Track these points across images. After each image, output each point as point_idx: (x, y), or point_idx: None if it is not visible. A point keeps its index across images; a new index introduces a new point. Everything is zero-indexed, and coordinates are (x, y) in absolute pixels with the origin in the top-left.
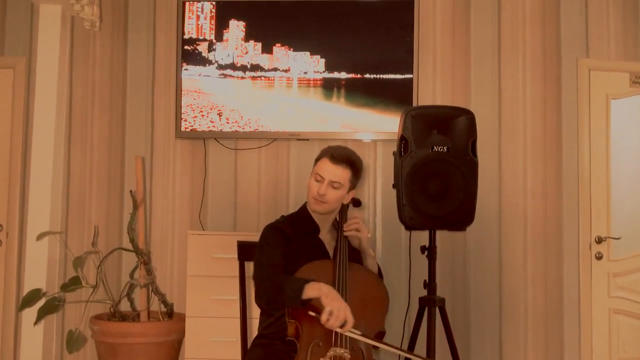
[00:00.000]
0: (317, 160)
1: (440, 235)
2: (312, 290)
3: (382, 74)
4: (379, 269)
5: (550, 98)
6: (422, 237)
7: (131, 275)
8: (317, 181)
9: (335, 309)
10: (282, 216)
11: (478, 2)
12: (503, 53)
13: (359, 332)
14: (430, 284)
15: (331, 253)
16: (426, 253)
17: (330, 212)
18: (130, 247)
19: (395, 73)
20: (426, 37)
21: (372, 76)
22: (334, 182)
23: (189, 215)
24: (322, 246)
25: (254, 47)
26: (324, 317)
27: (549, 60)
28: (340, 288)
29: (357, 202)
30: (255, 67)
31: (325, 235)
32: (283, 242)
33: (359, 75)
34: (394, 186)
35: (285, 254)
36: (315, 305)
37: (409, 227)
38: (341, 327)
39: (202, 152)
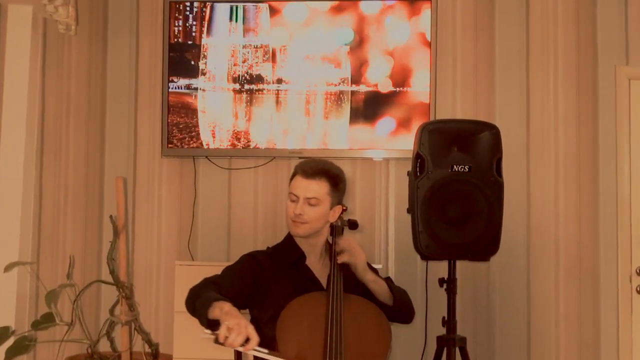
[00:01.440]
0: (291, 179)
1: (461, 266)
2: (215, 310)
3: (396, 84)
4: (399, 290)
5: (585, 111)
6: (440, 268)
7: (111, 312)
8: (292, 201)
9: (234, 325)
10: (268, 247)
11: (503, 2)
12: (532, 60)
13: (265, 351)
14: (449, 321)
15: (325, 282)
16: (445, 286)
17: (315, 234)
18: (110, 279)
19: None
20: (444, 41)
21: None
22: (309, 198)
23: (176, 244)
24: (311, 276)
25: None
26: (221, 334)
27: (584, 68)
28: (333, 323)
29: (353, 224)
30: (255, 79)
31: (315, 263)
32: (250, 271)
33: (373, 90)
34: (408, 211)
35: (250, 283)
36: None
37: (425, 257)
38: (244, 345)
39: (192, 172)
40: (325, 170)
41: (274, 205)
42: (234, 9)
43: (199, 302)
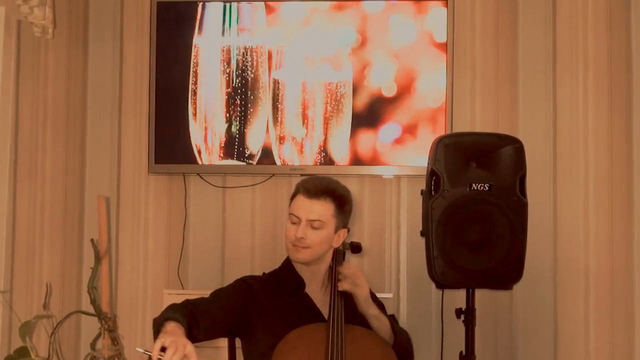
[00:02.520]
0: (291, 198)
1: (481, 295)
2: (163, 329)
3: (401, 88)
4: (401, 332)
5: (618, 124)
6: (457, 297)
7: (92, 346)
8: (293, 223)
9: (170, 343)
10: (264, 273)
11: (528, 2)
12: (559, 67)
13: None
14: (467, 357)
15: (326, 313)
16: (462, 318)
17: (317, 260)
18: (91, 310)
19: (424, 91)
20: (462, 45)
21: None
22: (312, 220)
23: (164, 270)
24: (311, 305)
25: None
26: (154, 352)
27: (617, 76)
28: (334, 357)
29: (356, 248)
30: (251, 82)
31: (317, 292)
32: (240, 297)
33: (377, 94)
34: (422, 234)
35: (239, 310)
36: None
37: (441, 285)
38: None
39: (182, 190)
40: (330, 190)
41: (272, 227)
42: (227, 7)
43: (157, 323)
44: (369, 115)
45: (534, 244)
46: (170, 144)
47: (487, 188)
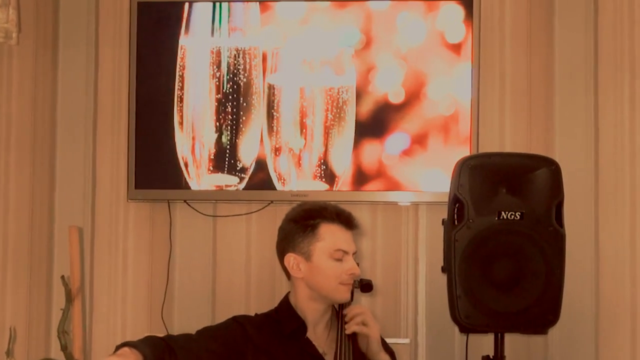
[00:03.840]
0: (315, 227)
1: (511, 340)
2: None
3: (409, 94)
4: None
5: None
6: (484, 343)
7: None
8: (337, 260)
9: None
10: (257, 314)
11: (566, 5)
12: (601, 78)
13: None
14: None
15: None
16: None
17: None
18: (61, 357)
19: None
20: (489, 53)
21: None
22: (354, 253)
23: (146, 311)
24: (313, 351)
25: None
26: None
27: None
28: None
29: (367, 286)
30: (243, 87)
31: (321, 335)
32: (230, 337)
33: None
34: (443, 270)
35: (227, 352)
36: None
37: (465, 329)
38: None
39: (166, 219)
40: (356, 218)
41: (271, 262)
42: (218, 6)
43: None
44: (374, 124)
45: (572, 281)
46: (153, 164)
47: (518, 217)
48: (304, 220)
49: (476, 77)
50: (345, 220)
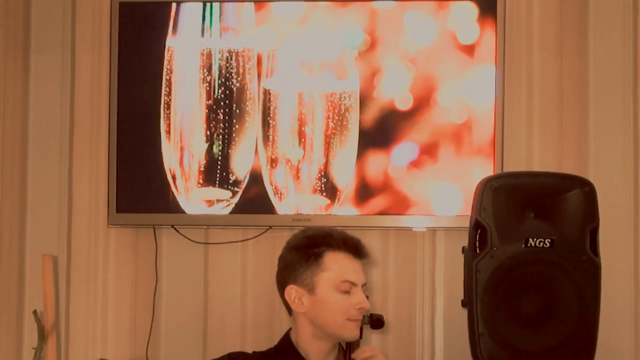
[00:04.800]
0: (319, 256)
1: None
2: None
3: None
4: None
5: None
6: None
7: None
8: (345, 292)
9: None
10: (254, 352)
11: (601, 5)
12: None
13: None
14: None
15: None
16: None
17: None
18: None
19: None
20: (515, 59)
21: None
22: (364, 285)
23: (129, 349)
24: None
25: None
26: None
27: None
28: None
29: (377, 322)
30: (236, 93)
31: None
32: None
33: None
34: (464, 304)
35: None
36: None
37: None
38: None
39: (152, 248)
40: (365, 246)
41: (270, 295)
42: (208, 5)
43: None
44: (380, 133)
45: (609, 317)
46: (137, 184)
47: (548, 244)
48: (306, 248)
49: (500, 85)
50: (353, 248)
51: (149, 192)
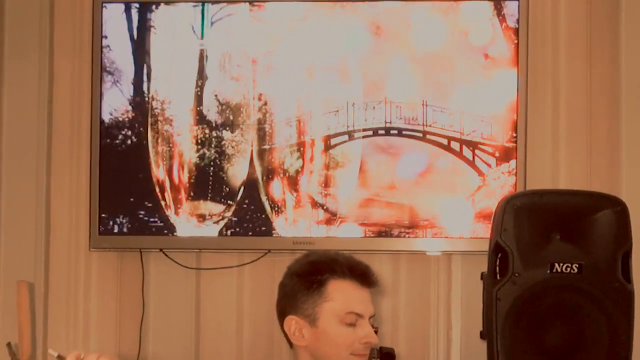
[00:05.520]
0: (321, 284)
1: None
2: None
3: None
4: None
5: None
6: None
7: None
8: (350, 325)
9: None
10: None
11: (634, 3)
12: None
13: None
14: None
15: None
16: None
17: None
18: None
19: (485, 132)
20: (540, 64)
21: (441, 133)
22: (371, 317)
23: None
24: None
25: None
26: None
27: None
28: None
29: (387, 356)
30: (228, 100)
31: None
32: None
33: (419, 133)
34: (482, 335)
35: None
36: None
37: None
38: None
39: (138, 274)
40: (375, 273)
41: (268, 325)
42: (200, 5)
43: None
44: (385, 142)
45: None
46: (122, 202)
47: (575, 270)
48: (308, 275)
49: (523, 94)
50: (361, 276)
51: (136, 211)
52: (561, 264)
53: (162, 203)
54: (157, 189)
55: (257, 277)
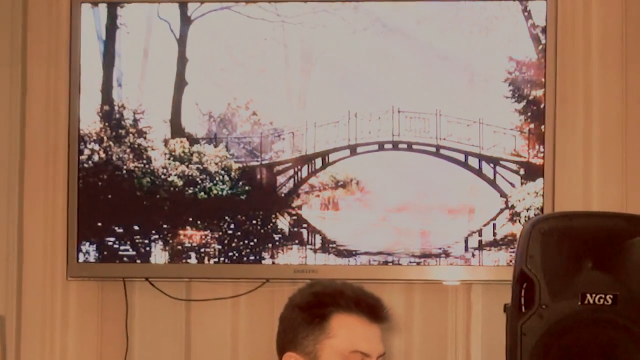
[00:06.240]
0: (324, 319)
1: None
2: None
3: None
4: None
5: None
6: None
7: None
8: None
9: None
10: None
11: None
12: None
13: None
14: None
15: None
16: None
17: None
18: None
19: (508, 146)
20: (571, 74)
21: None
22: (381, 356)
23: None
24: None
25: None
26: None
27: None
28: None
29: None
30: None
31: None
32: None
33: (431, 148)
34: None
35: None
36: None
37: None
38: None
39: (122, 305)
40: (386, 307)
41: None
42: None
43: None
44: (393, 158)
45: None
46: (103, 224)
47: (609, 301)
48: (311, 308)
49: (551, 106)
50: (369, 310)
51: (118, 236)
52: (593, 295)
53: (143, 228)
54: (136, 212)
55: (254, 309)
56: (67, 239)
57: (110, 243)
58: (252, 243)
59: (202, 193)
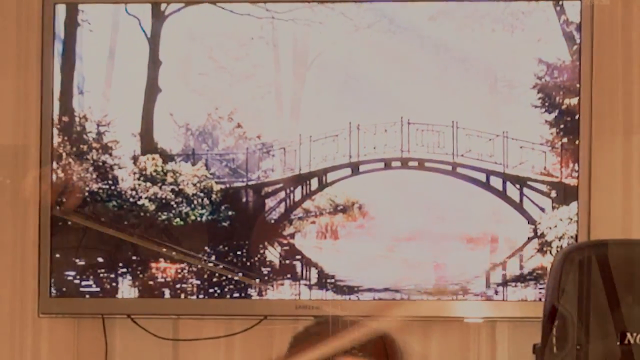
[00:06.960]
0: None
1: None
2: None
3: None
4: None
5: None
6: None
7: None
8: None
9: None
10: None
11: None
12: None
13: None
14: None
15: None
16: None
17: None
18: None
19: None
20: (609, 79)
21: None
22: None
23: None
24: None
25: None
26: None
27: None
28: None
29: None
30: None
31: None
32: None
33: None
34: None
35: None
36: None
37: None
38: None
39: (100, 345)
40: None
41: None
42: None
43: None
44: (401, 177)
45: None
46: (80, 253)
47: None
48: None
49: (586, 120)
50: (377, 353)
51: (96, 269)
52: (634, 334)
53: (109, 261)
54: (101, 241)
55: (251, 349)
56: (38, 272)
57: (86, 276)
58: (235, 278)
59: (178, 219)
